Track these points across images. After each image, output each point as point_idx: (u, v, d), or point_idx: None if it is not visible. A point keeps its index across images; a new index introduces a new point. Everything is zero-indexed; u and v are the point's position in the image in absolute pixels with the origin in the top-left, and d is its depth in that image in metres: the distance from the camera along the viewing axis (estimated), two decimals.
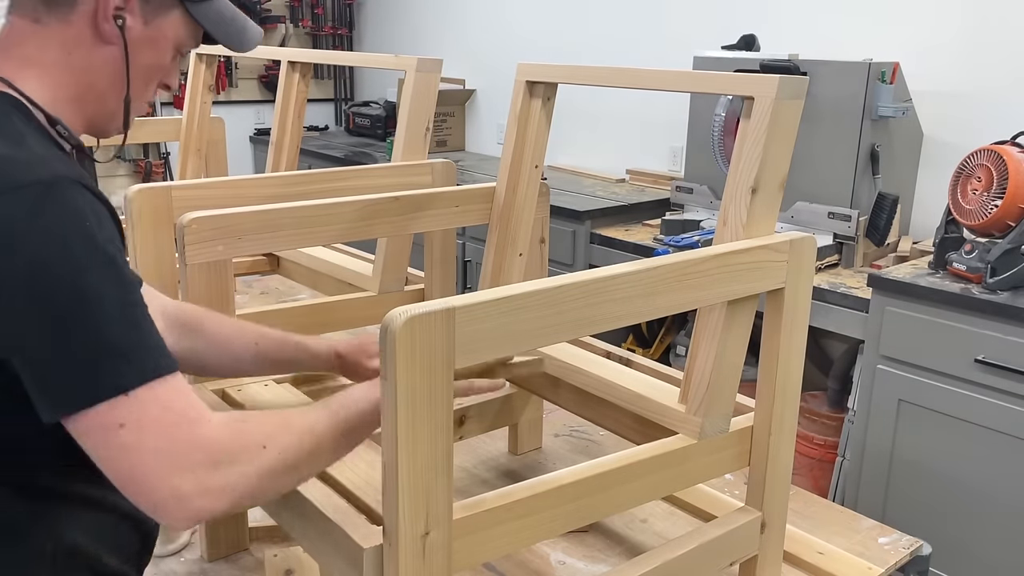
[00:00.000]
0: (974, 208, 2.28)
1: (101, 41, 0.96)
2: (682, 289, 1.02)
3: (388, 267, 1.79)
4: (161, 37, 1.00)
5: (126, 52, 0.97)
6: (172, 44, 1.02)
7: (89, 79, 0.97)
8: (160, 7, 0.99)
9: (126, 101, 1.00)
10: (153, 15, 0.98)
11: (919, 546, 1.39)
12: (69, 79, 0.96)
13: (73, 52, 0.95)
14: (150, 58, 1.00)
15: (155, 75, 1.03)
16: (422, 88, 1.83)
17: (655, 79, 1.32)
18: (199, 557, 1.33)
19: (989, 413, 2.15)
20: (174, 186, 1.47)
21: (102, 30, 0.95)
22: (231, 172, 2.48)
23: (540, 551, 1.34)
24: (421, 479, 0.84)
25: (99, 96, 0.99)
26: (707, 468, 1.19)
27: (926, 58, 2.83)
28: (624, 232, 3.13)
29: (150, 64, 1.01)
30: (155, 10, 0.98)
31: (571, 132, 3.90)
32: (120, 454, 0.81)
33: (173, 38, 1.02)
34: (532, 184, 1.49)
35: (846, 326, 2.45)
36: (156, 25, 0.99)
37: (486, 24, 4.48)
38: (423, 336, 0.80)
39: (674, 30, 3.58)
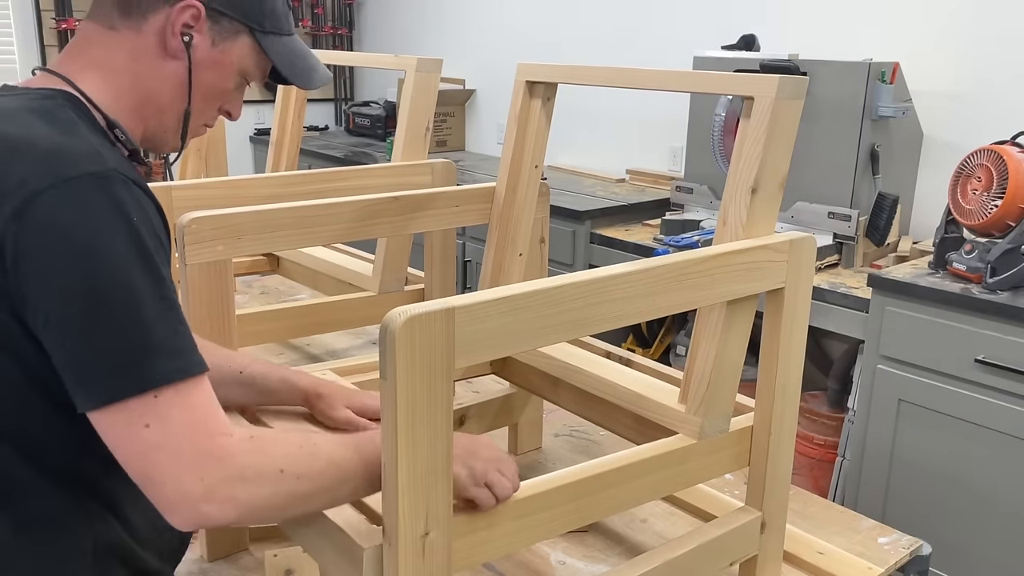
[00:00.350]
0: (974, 208, 2.28)
1: (167, 55, 0.99)
2: (682, 289, 1.02)
3: (388, 267, 1.80)
4: (226, 61, 1.02)
5: (189, 69, 0.99)
6: (236, 70, 1.04)
7: (151, 90, 1.00)
8: (229, 32, 1.01)
9: (185, 116, 1.03)
10: (221, 38, 1.01)
11: (919, 546, 1.39)
12: (132, 86, 0.99)
13: (140, 61, 0.98)
14: (213, 79, 1.02)
15: (216, 98, 1.05)
16: (422, 88, 1.84)
17: (655, 79, 1.32)
18: (199, 557, 1.33)
19: (989, 413, 2.15)
20: (174, 186, 1.47)
21: (169, 44, 0.98)
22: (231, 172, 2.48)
23: (540, 551, 1.34)
24: (421, 479, 0.84)
25: (159, 109, 1.01)
26: (707, 468, 1.19)
27: (926, 58, 2.83)
28: (624, 232, 3.13)
29: (212, 85, 1.03)
30: (223, 33, 1.01)
31: (571, 132, 3.90)
32: (142, 452, 0.82)
33: (238, 64, 1.04)
34: (532, 184, 1.49)
35: (846, 326, 2.45)
36: (222, 48, 1.01)
37: (486, 24, 4.48)
38: (423, 336, 0.80)
39: (674, 30, 3.58)
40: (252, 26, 1.02)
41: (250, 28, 1.02)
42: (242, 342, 1.58)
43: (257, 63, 1.05)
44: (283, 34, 1.06)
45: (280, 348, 2.12)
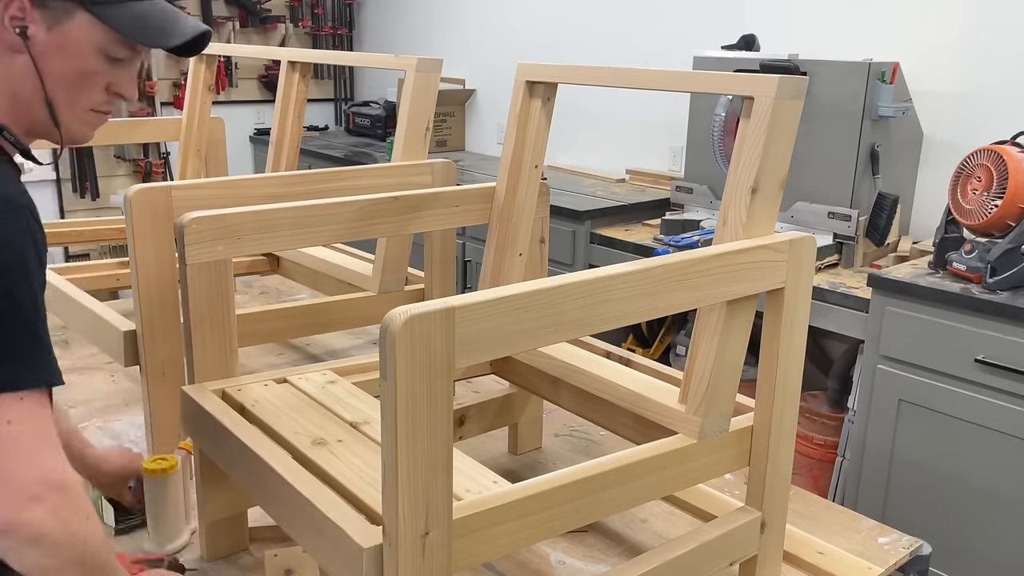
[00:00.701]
0: (974, 208, 2.28)
1: (12, 51, 0.99)
2: (682, 289, 1.02)
3: (388, 267, 1.80)
4: (71, 42, 1.00)
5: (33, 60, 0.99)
6: (89, 48, 1.01)
7: (11, 90, 1.00)
8: (60, 12, 0.99)
9: (48, 106, 1.01)
10: (55, 21, 0.99)
11: (919, 546, 1.39)
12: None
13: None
14: (65, 64, 1.00)
15: (85, 81, 1.03)
16: (422, 88, 1.84)
17: (655, 79, 1.32)
18: (199, 557, 1.33)
19: (989, 413, 2.15)
20: (174, 186, 1.47)
21: (7, 41, 0.98)
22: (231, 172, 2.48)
23: (540, 551, 1.34)
24: (421, 479, 0.84)
25: (25, 104, 1.01)
26: (707, 468, 1.19)
27: (926, 58, 2.83)
28: (624, 232, 3.13)
29: (68, 69, 1.01)
30: (55, 16, 0.99)
31: (571, 132, 3.90)
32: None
33: (88, 42, 1.01)
34: (532, 184, 1.49)
35: (846, 326, 2.45)
36: (61, 30, 0.99)
37: (486, 24, 4.48)
38: (423, 336, 0.80)
39: (674, 30, 3.58)
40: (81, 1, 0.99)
41: (80, 3, 0.99)
42: (242, 342, 1.58)
43: (108, 36, 1.01)
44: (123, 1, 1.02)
45: (280, 348, 2.12)
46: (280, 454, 1.12)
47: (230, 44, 4.75)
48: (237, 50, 2.83)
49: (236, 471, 1.19)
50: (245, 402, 1.28)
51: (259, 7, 4.96)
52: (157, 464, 1.33)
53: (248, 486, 1.17)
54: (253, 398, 1.30)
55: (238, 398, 1.30)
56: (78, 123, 1.05)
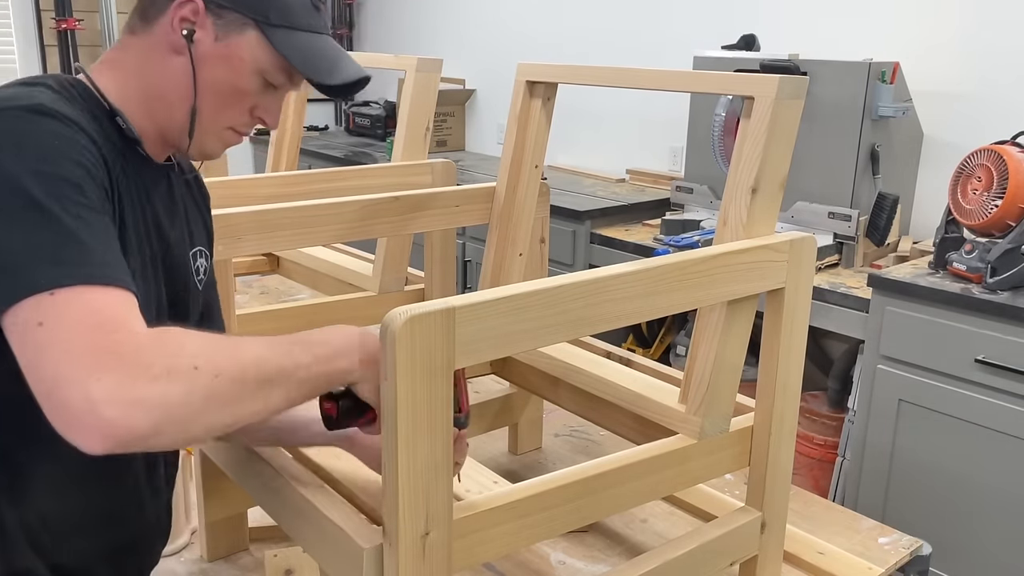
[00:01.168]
0: (974, 208, 2.28)
1: (173, 51, 0.98)
2: (682, 289, 1.02)
3: (388, 267, 1.80)
4: (234, 56, 0.98)
5: (192, 64, 0.98)
6: (250, 67, 0.99)
7: (159, 86, 0.99)
8: (233, 25, 0.98)
9: (192, 113, 1.00)
10: (224, 32, 0.98)
11: (919, 546, 1.39)
12: (140, 82, 0.99)
13: (149, 58, 0.99)
14: (222, 76, 0.99)
15: (233, 97, 1.01)
16: (422, 88, 1.83)
17: (655, 79, 1.32)
18: (199, 557, 1.33)
19: (989, 413, 2.15)
20: None
21: (171, 40, 0.98)
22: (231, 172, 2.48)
23: (540, 551, 1.34)
24: (421, 479, 0.84)
25: (168, 105, 1.00)
26: (707, 468, 1.19)
27: (926, 58, 2.83)
28: (624, 232, 3.13)
29: (222, 82, 0.99)
30: (227, 27, 0.98)
31: (571, 132, 3.90)
32: (36, 354, 0.75)
33: (250, 61, 0.99)
34: (532, 184, 1.49)
35: (846, 326, 2.45)
36: (227, 43, 0.98)
37: (486, 24, 4.48)
38: (423, 336, 0.80)
39: (674, 30, 3.58)
40: (256, 18, 0.98)
41: (255, 21, 0.98)
42: None
43: (272, 60, 1.00)
44: (298, 29, 1.00)
45: None
46: (280, 454, 1.12)
47: None
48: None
49: (236, 471, 1.19)
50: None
51: None
52: None
53: (248, 486, 1.17)
54: None
55: None
56: (214, 138, 1.04)
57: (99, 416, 0.72)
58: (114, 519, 1.03)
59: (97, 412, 0.72)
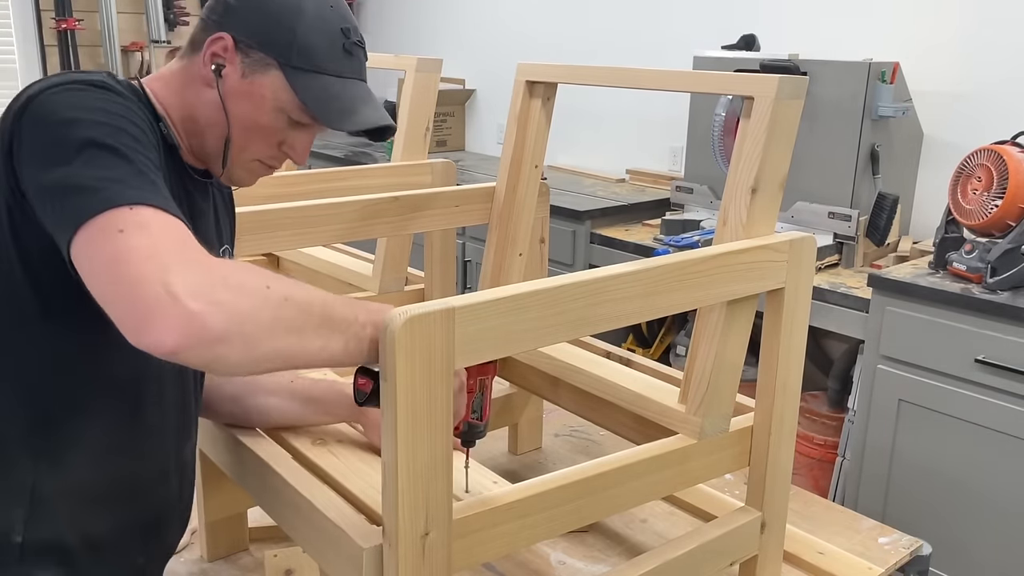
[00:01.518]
0: (974, 208, 2.28)
1: (205, 84, 1.04)
2: (682, 289, 1.02)
3: (388, 267, 1.80)
4: (257, 94, 1.03)
5: (221, 97, 1.03)
6: (272, 105, 1.03)
7: (194, 113, 1.05)
8: (259, 64, 1.02)
9: (226, 142, 1.05)
10: (251, 70, 1.03)
11: (919, 546, 1.39)
12: (180, 102, 1.05)
13: (188, 85, 1.05)
14: (246, 111, 1.03)
15: (260, 133, 1.05)
16: (422, 88, 1.83)
17: (655, 79, 1.32)
18: (199, 557, 1.33)
19: (989, 413, 2.15)
20: None
21: (203, 74, 1.04)
22: None
23: (540, 551, 1.34)
24: (421, 479, 0.84)
25: (200, 131, 1.06)
26: (707, 468, 1.19)
27: (926, 58, 2.83)
28: (624, 232, 3.13)
29: (247, 116, 1.04)
30: (253, 66, 1.03)
31: (571, 132, 3.89)
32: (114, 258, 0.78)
33: (272, 99, 1.03)
34: (532, 184, 1.49)
35: (846, 326, 2.45)
36: (252, 80, 1.03)
37: (486, 24, 4.47)
38: (423, 336, 0.80)
39: (674, 30, 3.58)
40: (279, 60, 1.02)
41: (279, 62, 1.02)
42: None
43: (293, 101, 1.03)
44: (320, 72, 1.03)
45: None
46: (280, 454, 1.12)
47: None
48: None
49: (236, 471, 1.19)
50: None
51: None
52: None
53: (248, 486, 1.17)
54: None
55: None
56: (242, 169, 1.09)
57: (181, 307, 0.75)
58: (142, 491, 1.06)
59: (179, 304, 0.75)
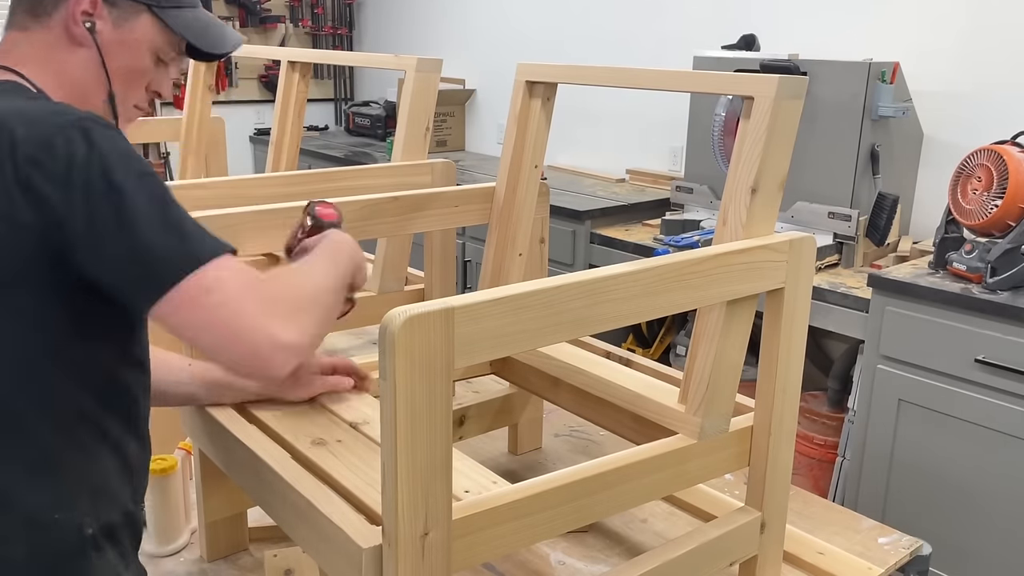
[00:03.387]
0: (974, 208, 2.28)
1: (75, 44, 1.04)
2: (682, 289, 1.02)
3: (388, 267, 1.80)
4: (132, 40, 1.06)
5: (100, 54, 1.04)
6: (147, 48, 1.08)
7: (71, 79, 1.05)
8: (128, 11, 1.05)
9: (110, 99, 1.07)
10: (123, 19, 1.05)
11: (919, 546, 1.39)
12: (55, 80, 1.04)
13: (53, 55, 1.04)
14: (126, 61, 1.07)
15: (137, 78, 1.09)
16: (422, 88, 1.83)
17: (655, 79, 1.32)
18: (199, 557, 1.33)
19: (989, 413, 2.15)
20: (174, 186, 1.47)
21: (73, 33, 1.03)
22: (231, 172, 2.48)
23: (540, 551, 1.34)
24: (420, 479, 0.84)
25: (83, 96, 1.05)
26: (707, 468, 1.18)
27: (926, 58, 2.83)
28: (624, 232, 3.13)
29: (127, 66, 1.07)
30: (123, 14, 1.05)
31: (571, 132, 3.90)
32: (214, 313, 0.90)
33: (146, 42, 1.07)
34: (532, 184, 1.49)
35: (846, 326, 2.45)
36: (127, 29, 1.06)
37: (486, 24, 4.48)
38: (422, 336, 0.80)
39: (674, 29, 3.58)
40: (149, 3, 1.06)
41: (148, 5, 1.06)
42: None
43: (166, 39, 1.08)
44: (184, 6, 1.10)
45: None
46: (280, 454, 1.12)
47: None
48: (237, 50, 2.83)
49: (236, 471, 1.19)
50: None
51: (259, 7, 4.96)
52: (157, 464, 1.32)
53: (248, 486, 1.17)
54: None
55: None
56: (124, 120, 1.10)
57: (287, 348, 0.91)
58: (140, 465, 1.09)
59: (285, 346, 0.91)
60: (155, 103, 4.50)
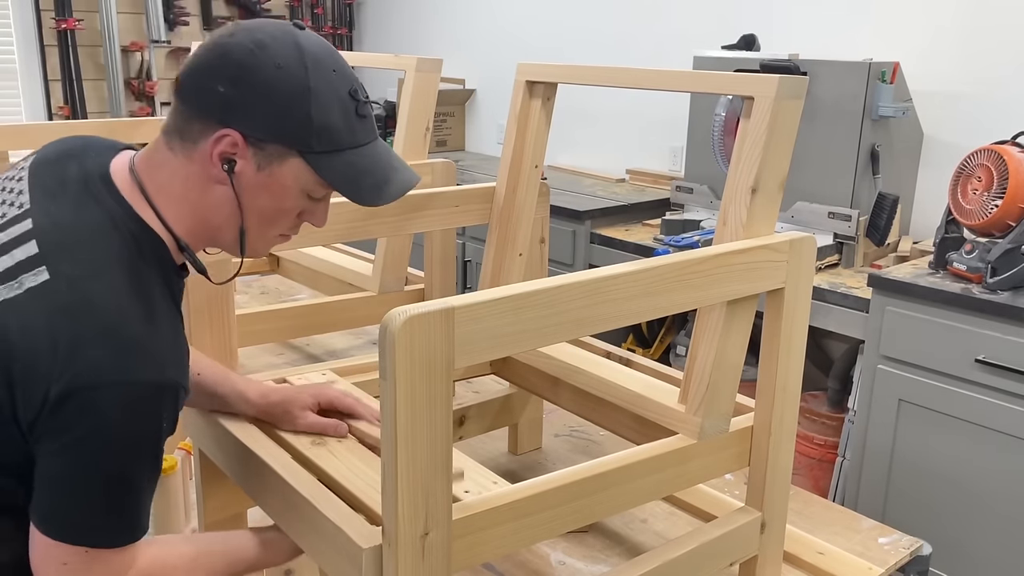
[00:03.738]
0: (974, 208, 2.28)
1: (215, 181, 0.98)
2: (682, 289, 1.02)
3: (388, 267, 1.80)
4: (276, 184, 0.98)
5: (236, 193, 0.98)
6: (295, 190, 0.99)
7: (205, 214, 1.00)
8: (275, 155, 0.97)
9: (240, 234, 1.01)
10: (267, 162, 0.97)
11: (919, 546, 1.39)
12: (189, 211, 0.99)
13: (192, 186, 0.98)
14: (266, 202, 0.99)
15: (278, 217, 1.02)
16: (422, 88, 1.83)
17: (655, 79, 1.32)
18: None
19: (989, 413, 2.15)
20: None
21: (212, 172, 0.97)
22: None
23: (540, 551, 1.34)
24: (420, 479, 0.84)
25: (214, 231, 1.02)
26: (707, 468, 1.19)
27: (926, 58, 2.83)
28: (624, 232, 3.13)
29: (267, 207, 1.00)
30: (268, 158, 0.96)
31: (571, 132, 3.90)
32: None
33: (295, 184, 0.99)
34: (532, 184, 1.49)
35: (846, 326, 2.45)
36: (270, 172, 0.97)
37: (486, 24, 4.48)
38: (422, 336, 0.80)
39: (674, 29, 3.58)
40: (300, 148, 0.97)
41: (299, 151, 0.97)
42: (242, 342, 1.58)
43: (317, 181, 0.99)
44: (343, 149, 0.98)
45: (280, 348, 2.11)
46: (280, 454, 1.12)
47: None
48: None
49: (236, 471, 1.19)
50: None
51: (259, 7, 4.96)
52: None
53: (248, 486, 1.17)
54: None
55: None
56: (263, 245, 1.06)
57: None
58: None
59: None
60: (156, 103, 4.50)
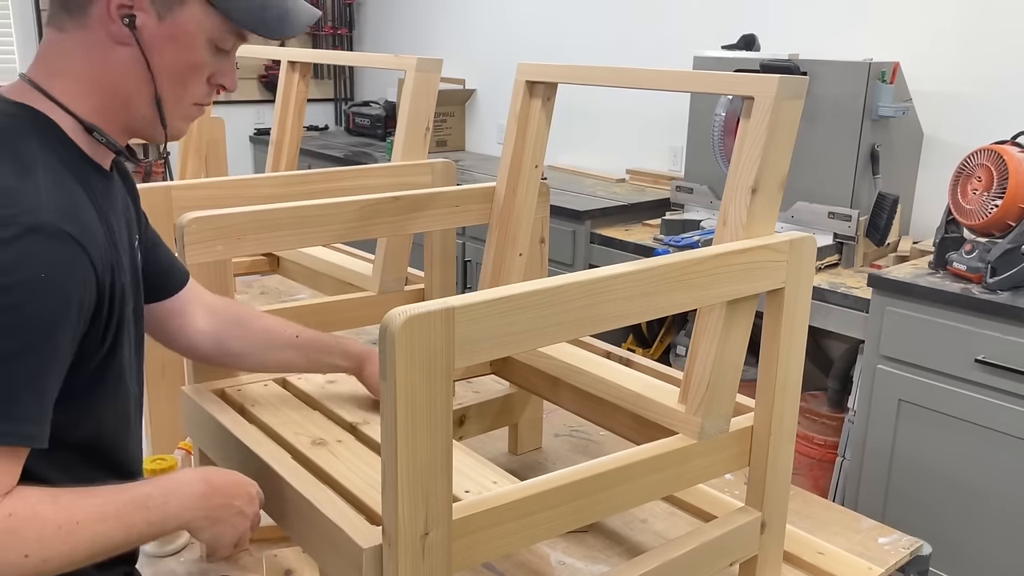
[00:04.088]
0: (974, 208, 2.28)
1: (115, 43, 0.92)
2: (682, 289, 1.02)
3: (388, 267, 1.80)
4: (181, 32, 0.94)
5: (142, 52, 0.93)
6: (202, 39, 0.95)
7: (113, 84, 0.94)
8: (173, 1, 0.93)
9: (157, 102, 0.96)
10: (166, 10, 0.92)
11: (919, 546, 1.39)
12: (94, 86, 0.94)
13: (92, 57, 0.93)
14: (174, 55, 0.94)
15: (190, 73, 0.97)
16: (422, 88, 1.83)
17: (655, 79, 1.32)
18: (198, 557, 1.33)
19: (989, 413, 2.15)
20: (174, 186, 1.47)
21: (112, 31, 0.92)
22: (231, 172, 2.48)
23: (540, 551, 1.34)
24: (420, 479, 0.84)
25: (127, 101, 0.96)
26: (707, 468, 1.19)
27: (926, 58, 2.83)
28: (624, 232, 3.13)
29: (177, 61, 0.95)
30: (167, 5, 0.92)
31: (571, 132, 3.90)
32: None
33: (200, 32, 0.94)
34: (532, 184, 1.49)
35: (846, 326, 2.45)
36: (172, 21, 0.93)
37: (486, 24, 4.48)
38: (422, 336, 0.80)
39: (674, 29, 3.58)
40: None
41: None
42: None
43: (221, 25, 0.95)
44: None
45: None
46: (280, 454, 1.12)
47: None
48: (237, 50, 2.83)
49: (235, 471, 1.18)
50: (245, 402, 1.28)
51: None
52: (157, 464, 1.32)
53: None
54: (253, 398, 1.30)
55: (238, 398, 1.30)
56: (180, 119, 1.00)
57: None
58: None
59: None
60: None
